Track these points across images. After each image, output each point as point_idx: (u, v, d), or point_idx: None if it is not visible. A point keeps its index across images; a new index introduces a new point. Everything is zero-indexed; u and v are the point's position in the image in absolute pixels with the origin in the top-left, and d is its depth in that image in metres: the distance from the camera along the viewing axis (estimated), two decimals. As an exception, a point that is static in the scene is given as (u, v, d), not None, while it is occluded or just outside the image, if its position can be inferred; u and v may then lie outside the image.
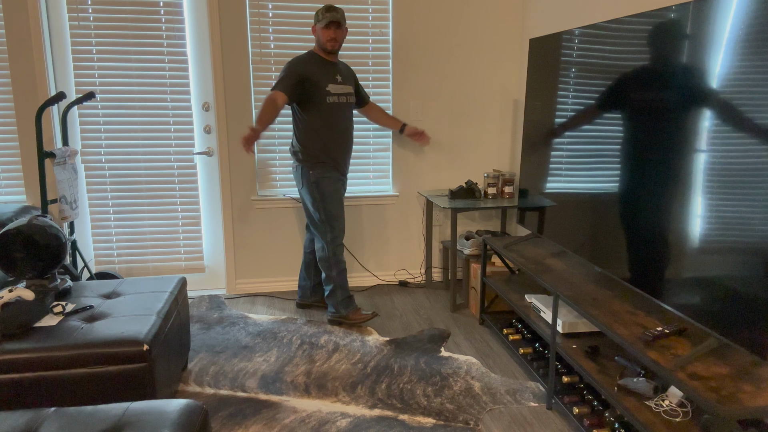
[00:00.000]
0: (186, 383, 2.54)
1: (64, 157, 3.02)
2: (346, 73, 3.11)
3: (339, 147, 3.04)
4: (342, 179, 3.12)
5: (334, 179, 3.05)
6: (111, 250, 3.56)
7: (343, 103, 3.02)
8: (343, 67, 3.13)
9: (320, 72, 2.96)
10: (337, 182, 3.07)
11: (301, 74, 2.91)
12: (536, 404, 2.38)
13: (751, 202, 1.50)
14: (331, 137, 3.01)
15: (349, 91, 3.06)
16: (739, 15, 1.53)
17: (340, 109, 3.01)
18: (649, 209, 1.92)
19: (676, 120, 1.77)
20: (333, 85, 2.97)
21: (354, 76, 3.22)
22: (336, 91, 2.98)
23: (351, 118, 3.11)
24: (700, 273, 1.69)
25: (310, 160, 3.00)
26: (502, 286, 2.91)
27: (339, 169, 3.06)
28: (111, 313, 2.17)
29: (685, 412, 1.82)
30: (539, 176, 2.73)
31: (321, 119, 2.97)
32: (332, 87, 2.97)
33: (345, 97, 3.03)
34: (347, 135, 3.09)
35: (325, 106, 2.96)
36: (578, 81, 2.33)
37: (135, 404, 1.54)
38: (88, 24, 3.24)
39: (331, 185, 3.03)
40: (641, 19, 1.93)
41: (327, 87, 2.94)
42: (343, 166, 3.10)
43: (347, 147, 3.10)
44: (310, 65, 2.95)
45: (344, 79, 3.06)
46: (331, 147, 3.02)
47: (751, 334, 1.50)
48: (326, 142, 3.00)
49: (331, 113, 2.98)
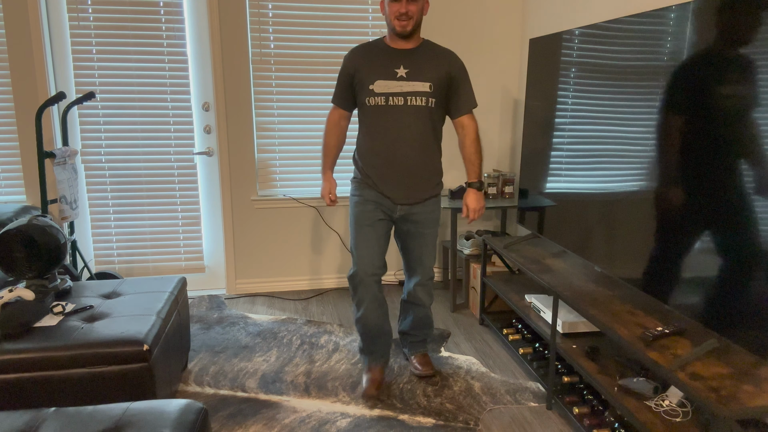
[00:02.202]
0: (186, 383, 2.54)
1: (64, 157, 3.02)
2: (426, 64, 2.28)
3: (381, 161, 2.33)
4: (381, 203, 2.38)
5: (365, 200, 2.38)
6: (111, 250, 3.56)
7: (393, 106, 2.27)
8: (426, 56, 2.30)
9: (374, 64, 2.29)
10: (369, 204, 2.38)
11: (350, 71, 2.35)
12: (536, 404, 2.38)
13: (750, 202, 1.50)
14: (371, 148, 2.35)
15: (413, 90, 2.26)
16: (738, 15, 1.53)
17: (387, 113, 2.28)
18: (649, 209, 1.92)
19: (675, 119, 1.77)
20: (383, 81, 2.26)
21: (447, 72, 2.31)
22: (383, 90, 2.26)
23: (413, 125, 2.29)
24: (700, 273, 1.69)
25: (354, 173, 2.47)
26: (502, 286, 2.91)
27: (378, 188, 2.37)
28: (111, 313, 2.17)
29: (685, 412, 1.82)
30: (539, 176, 2.73)
31: (363, 125, 2.37)
32: (380, 84, 2.27)
33: (399, 98, 2.26)
34: (396, 147, 2.30)
35: (366, 108, 2.32)
36: (578, 81, 2.33)
37: (135, 404, 1.54)
38: (88, 24, 3.24)
39: (359, 206, 2.38)
40: (641, 19, 1.93)
41: (371, 85, 2.28)
42: (387, 187, 2.35)
43: (395, 163, 2.32)
44: (363, 57, 2.32)
45: (415, 72, 2.27)
46: (370, 161, 2.36)
47: (751, 334, 1.50)
48: (364, 154, 2.38)
49: (372, 118, 2.31)
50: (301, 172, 3.66)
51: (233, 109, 3.47)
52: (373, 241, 2.37)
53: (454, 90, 2.33)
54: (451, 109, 2.38)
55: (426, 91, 2.26)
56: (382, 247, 2.41)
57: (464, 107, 2.36)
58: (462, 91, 2.34)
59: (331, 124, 2.45)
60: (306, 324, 3.20)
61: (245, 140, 3.51)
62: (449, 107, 2.37)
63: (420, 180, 2.36)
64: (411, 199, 2.37)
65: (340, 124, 2.45)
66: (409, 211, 2.39)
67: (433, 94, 2.27)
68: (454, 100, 2.35)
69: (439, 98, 2.30)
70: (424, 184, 2.37)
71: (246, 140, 3.51)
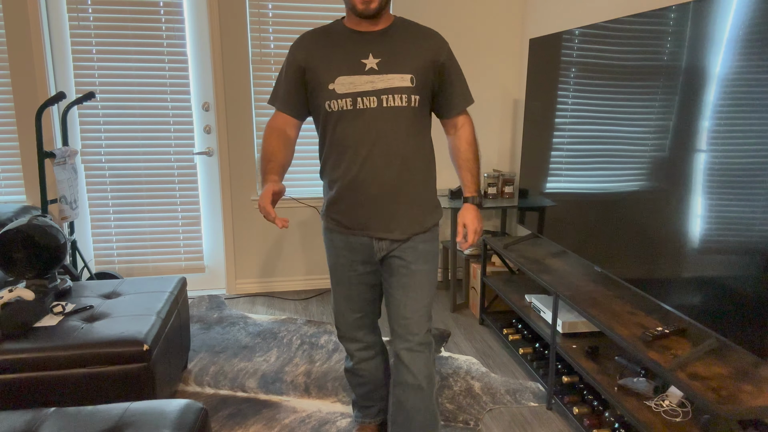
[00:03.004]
0: (186, 383, 2.54)
1: (64, 157, 3.02)
2: (404, 50, 1.63)
3: (350, 189, 1.67)
4: (354, 250, 1.76)
5: (336, 249, 1.79)
6: (111, 250, 3.56)
7: (363, 110, 1.61)
8: (402, 39, 1.65)
9: (334, 55, 1.63)
10: (341, 257, 1.79)
11: (299, 64, 1.67)
12: (536, 404, 2.38)
13: (751, 202, 1.50)
14: (336, 171, 1.69)
15: (388, 86, 1.60)
16: (738, 16, 1.53)
17: (356, 120, 1.62)
18: (649, 209, 1.92)
19: (675, 119, 1.77)
20: (347, 77, 1.60)
21: (433, 59, 1.67)
22: (348, 89, 1.60)
23: (392, 134, 1.63)
24: (700, 273, 1.69)
25: (323, 204, 1.81)
26: (502, 286, 2.91)
27: (349, 227, 1.73)
28: (111, 313, 2.17)
29: (685, 412, 1.82)
30: (539, 176, 2.73)
31: (324, 139, 1.71)
32: (343, 82, 1.60)
33: (372, 99, 1.60)
34: (371, 168, 1.64)
35: (325, 116, 1.66)
36: (578, 81, 2.33)
37: (135, 404, 1.54)
38: (88, 24, 3.24)
39: (331, 256, 1.82)
40: (641, 19, 1.93)
41: (331, 83, 1.60)
42: (361, 220, 1.70)
43: (370, 191, 1.66)
44: (317, 45, 1.66)
45: (390, 62, 1.61)
46: (336, 189, 1.70)
47: (751, 334, 1.50)
48: (332, 178, 1.72)
49: (336, 128, 1.65)
50: (301, 172, 3.66)
51: (233, 109, 3.47)
52: (350, 303, 1.85)
53: (445, 82, 1.72)
54: (442, 107, 1.76)
55: (407, 86, 1.60)
56: (363, 312, 1.87)
57: (459, 103, 1.75)
58: (456, 83, 1.73)
59: (270, 129, 1.71)
60: (306, 324, 3.20)
61: (245, 140, 3.51)
62: (439, 105, 1.76)
63: (407, 209, 1.69)
64: (395, 232, 1.68)
65: (285, 132, 1.72)
66: (392, 246, 1.72)
67: (416, 90, 1.62)
68: (445, 96, 1.74)
69: (424, 94, 1.66)
70: (413, 213, 1.70)
71: (246, 140, 3.51)
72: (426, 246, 1.74)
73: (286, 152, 1.71)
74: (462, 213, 1.80)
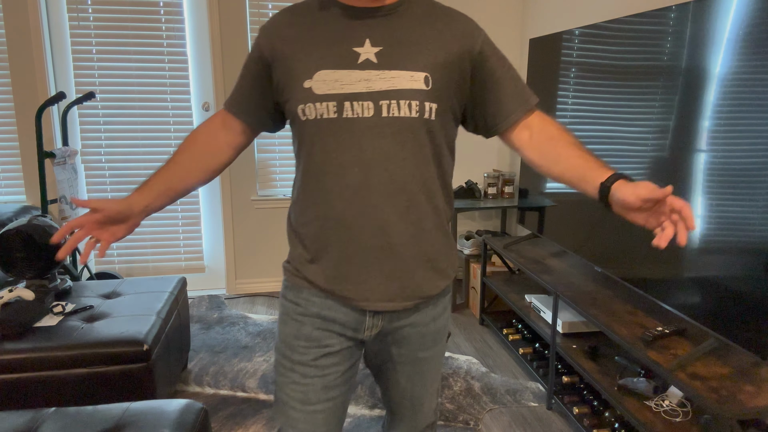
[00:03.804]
0: (186, 383, 2.54)
1: (64, 157, 3.02)
2: (417, 34, 1.12)
3: (334, 233, 1.14)
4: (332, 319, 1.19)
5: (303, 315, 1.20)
6: (111, 250, 3.55)
7: (353, 120, 1.09)
8: (415, 19, 1.14)
9: (314, 40, 1.13)
10: (306, 325, 1.19)
11: (264, 55, 1.17)
12: (536, 404, 2.38)
13: (750, 202, 1.50)
14: (314, 208, 1.16)
15: (391, 87, 1.08)
16: (738, 16, 1.53)
17: (342, 134, 1.10)
18: (649, 209, 1.92)
19: (675, 119, 1.77)
20: (330, 71, 1.09)
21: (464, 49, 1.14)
22: (330, 89, 1.09)
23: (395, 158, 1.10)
24: (700, 273, 1.69)
25: (288, 257, 1.25)
26: (502, 286, 2.91)
27: (334, 288, 1.16)
28: (111, 313, 2.17)
29: (685, 412, 1.82)
30: (539, 176, 2.73)
31: (299, 160, 1.19)
32: (324, 79, 1.09)
33: (366, 105, 1.08)
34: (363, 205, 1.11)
35: (300, 127, 1.14)
36: (578, 81, 2.33)
37: (135, 404, 1.54)
38: (88, 24, 3.24)
39: (289, 324, 1.21)
40: (641, 19, 1.93)
41: (308, 80, 1.10)
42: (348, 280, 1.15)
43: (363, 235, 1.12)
44: (292, 28, 1.16)
45: (395, 52, 1.10)
46: (315, 232, 1.16)
47: (751, 334, 1.50)
48: (304, 219, 1.18)
49: (313, 145, 1.13)
50: (301, 172, 3.66)
51: (233, 109, 3.46)
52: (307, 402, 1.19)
53: (489, 83, 1.17)
54: (491, 119, 1.19)
55: (419, 88, 1.08)
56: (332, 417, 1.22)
57: (516, 106, 1.18)
58: (505, 81, 1.17)
59: (200, 130, 1.23)
60: (306, 324, 3.20)
61: (245, 140, 3.51)
62: (485, 116, 1.20)
63: (416, 267, 1.16)
64: (395, 300, 1.16)
65: (216, 135, 1.23)
66: (391, 325, 1.21)
67: (433, 95, 1.09)
68: (491, 103, 1.18)
69: (445, 102, 1.12)
70: (423, 274, 1.17)
71: (246, 140, 3.52)
72: (438, 323, 1.26)
73: (197, 164, 1.18)
74: (625, 193, 1.01)
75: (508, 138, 1.22)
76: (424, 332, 1.25)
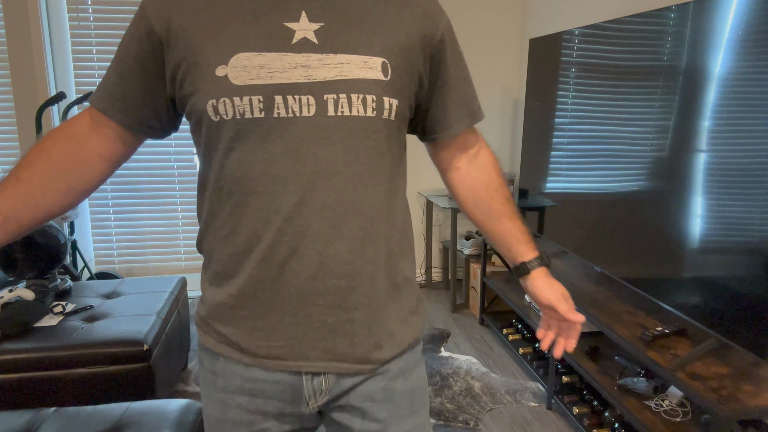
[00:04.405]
0: (186, 383, 2.54)
1: (64, 157, 3.02)
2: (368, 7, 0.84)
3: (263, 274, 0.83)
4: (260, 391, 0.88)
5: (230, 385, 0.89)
6: (111, 250, 3.56)
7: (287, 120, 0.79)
8: None
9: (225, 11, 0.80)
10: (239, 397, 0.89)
11: (154, 29, 0.82)
12: (536, 404, 2.38)
13: (751, 202, 1.50)
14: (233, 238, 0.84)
15: (340, 76, 0.80)
16: (738, 16, 1.53)
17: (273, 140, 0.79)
18: (649, 209, 1.92)
19: (675, 119, 1.77)
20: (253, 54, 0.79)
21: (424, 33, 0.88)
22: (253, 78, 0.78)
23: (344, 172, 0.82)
24: (700, 273, 1.69)
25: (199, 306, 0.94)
26: (502, 286, 2.91)
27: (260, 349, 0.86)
28: (111, 313, 2.17)
29: (685, 412, 1.82)
30: (539, 176, 2.73)
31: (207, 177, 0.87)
32: (244, 63, 0.78)
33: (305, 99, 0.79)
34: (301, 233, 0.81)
35: (208, 131, 0.82)
36: (578, 81, 2.33)
37: (135, 404, 1.54)
38: (88, 24, 3.24)
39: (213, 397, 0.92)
40: (641, 19, 1.93)
41: (221, 66, 0.78)
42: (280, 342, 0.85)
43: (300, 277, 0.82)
44: None
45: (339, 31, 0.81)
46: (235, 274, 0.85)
47: (751, 334, 1.50)
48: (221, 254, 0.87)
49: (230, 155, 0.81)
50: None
51: (233, 109, 3.47)
52: None
53: (440, 79, 0.94)
54: (439, 122, 0.97)
55: (375, 78, 0.82)
56: None
57: (458, 115, 0.98)
58: (455, 83, 0.96)
59: (58, 134, 0.88)
60: (306, 324, 3.20)
61: (245, 140, 3.52)
62: (431, 116, 0.97)
63: (371, 312, 0.88)
64: (345, 360, 0.88)
65: (84, 144, 0.87)
66: (342, 385, 0.90)
67: (391, 88, 0.84)
68: (443, 103, 0.96)
69: (405, 99, 0.87)
70: (382, 320, 0.90)
71: (246, 140, 3.52)
72: (408, 382, 0.94)
73: (53, 183, 0.85)
74: (537, 286, 0.99)
75: (439, 154, 1.03)
76: (392, 395, 0.91)
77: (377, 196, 0.85)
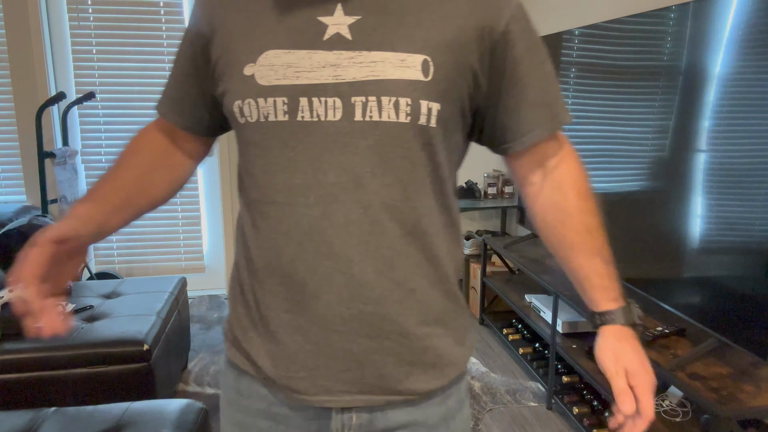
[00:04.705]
0: (186, 383, 2.54)
1: (64, 157, 3.02)
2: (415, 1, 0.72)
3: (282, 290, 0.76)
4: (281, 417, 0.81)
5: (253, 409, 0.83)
6: (111, 250, 3.56)
7: (312, 125, 0.71)
8: None
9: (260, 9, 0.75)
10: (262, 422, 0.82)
11: (202, 30, 0.81)
12: (536, 404, 2.38)
13: (751, 202, 1.50)
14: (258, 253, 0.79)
15: (370, 77, 0.70)
16: (738, 16, 1.53)
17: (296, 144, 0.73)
18: (649, 209, 1.92)
19: (675, 119, 1.77)
20: (282, 52, 0.72)
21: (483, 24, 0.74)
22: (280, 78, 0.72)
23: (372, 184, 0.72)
24: (700, 273, 1.69)
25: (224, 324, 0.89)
26: (502, 286, 2.91)
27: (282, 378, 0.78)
28: (111, 313, 2.17)
29: (685, 412, 1.82)
30: (539, 176, 2.73)
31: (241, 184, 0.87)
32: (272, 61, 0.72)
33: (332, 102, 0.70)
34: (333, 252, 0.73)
35: (237, 134, 0.82)
36: (578, 81, 2.33)
37: (135, 404, 1.54)
38: (88, 24, 3.24)
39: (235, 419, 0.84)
40: (641, 19, 1.93)
41: (249, 64, 0.73)
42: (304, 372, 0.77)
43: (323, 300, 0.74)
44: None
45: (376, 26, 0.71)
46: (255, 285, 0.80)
47: (751, 334, 1.50)
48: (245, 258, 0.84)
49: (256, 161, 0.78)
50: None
51: (233, 109, 3.47)
52: None
53: (513, 80, 0.78)
54: (510, 129, 0.81)
55: (412, 78, 0.70)
56: None
57: (548, 118, 0.81)
58: (531, 80, 0.79)
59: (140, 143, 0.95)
60: (306, 324, 3.20)
61: (245, 140, 3.52)
62: (500, 124, 0.81)
63: (408, 342, 0.77)
64: (373, 392, 0.78)
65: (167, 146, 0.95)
66: (375, 425, 0.80)
67: (432, 90, 0.71)
68: (515, 108, 0.79)
69: (451, 101, 0.74)
70: (420, 351, 0.79)
71: (246, 140, 3.52)
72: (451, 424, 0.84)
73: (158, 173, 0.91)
74: (600, 348, 0.88)
75: (512, 165, 0.87)
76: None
77: (410, 213, 0.74)
